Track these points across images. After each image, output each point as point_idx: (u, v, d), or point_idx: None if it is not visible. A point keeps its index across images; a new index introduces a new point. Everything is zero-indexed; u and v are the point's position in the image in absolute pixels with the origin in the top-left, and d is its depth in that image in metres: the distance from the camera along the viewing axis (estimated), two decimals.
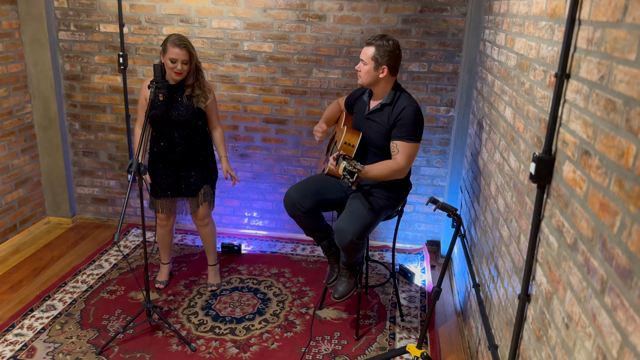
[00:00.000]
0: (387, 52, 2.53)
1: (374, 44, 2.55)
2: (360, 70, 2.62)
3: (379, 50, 2.53)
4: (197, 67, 2.94)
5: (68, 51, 3.89)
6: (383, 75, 2.58)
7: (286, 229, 4.12)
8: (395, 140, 2.58)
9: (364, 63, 2.59)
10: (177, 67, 2.84)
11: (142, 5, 3.71)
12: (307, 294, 3.33)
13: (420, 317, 3.13)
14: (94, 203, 4.27)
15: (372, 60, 2.56)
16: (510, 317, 1.99)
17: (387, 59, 2.54)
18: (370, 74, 2.59)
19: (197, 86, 2.95)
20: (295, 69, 3.71)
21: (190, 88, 2.95)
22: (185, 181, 3.08)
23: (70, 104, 4.02)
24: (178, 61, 2.84)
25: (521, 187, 1.98)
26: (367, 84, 2.64)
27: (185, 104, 2.94)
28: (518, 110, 2.11)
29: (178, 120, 2.94)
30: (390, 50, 2.54)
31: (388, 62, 2.55)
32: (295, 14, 3.59)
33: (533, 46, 1.95)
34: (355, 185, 2.29)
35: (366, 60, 2.58)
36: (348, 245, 2.52)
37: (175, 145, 3.00)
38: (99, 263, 3.61)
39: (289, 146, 3.90)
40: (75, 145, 4.12)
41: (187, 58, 2.84)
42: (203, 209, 3.13)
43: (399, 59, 2.60)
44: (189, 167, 3.05)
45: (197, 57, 2.95)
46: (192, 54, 2.87)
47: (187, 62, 2.85)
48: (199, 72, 2.96)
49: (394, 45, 2.55)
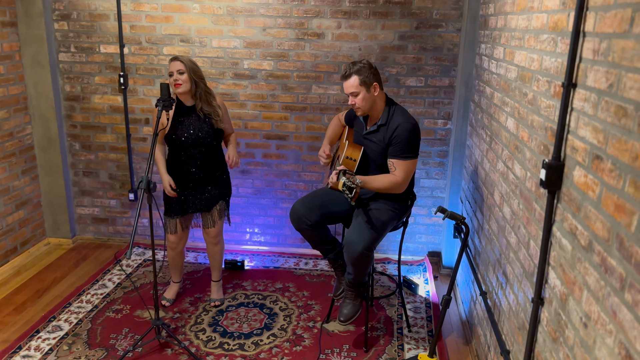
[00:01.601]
0: (368, 71, 2.60)
1: (352, 72, 2.60)
2: (355, 102, 2.65)
3: (361, 73, 2.59)
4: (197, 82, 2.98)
5: (68, 72, 3.92)
6: (377, 93, 2.65)
7: (288, 244, 4.14)
8: (391, 158, 2.64)
9: (356, 94, 2.63)
10: (174, 78, 2.92)
11: (142, 26, 3.76)
12: (313, 307, 3.35)
13: (427, 328, 3.16)
14: (94, 223, 4.26)
15: (361, 86, 2.61)
16: (523, 322, 2.03)
17: (372, 75, 2.61)
18: (366, 99, 2.64)
19: (203, 101, 3.00)
20: (295, 86, 3.78)
21: (198, 101, 2.99)
22: (200, 197, 3.11)
23: (71, 124, 4.03)
24: (174, 72, 2.93)
25: (528, 194, 2.04)
26: (368, 109, 2.69)
27: (203, 123, 2.99)
28: (521, 120, 2.18)
29: (191, 140, 2.98)
30: (369, 67, 2.61)
31: (374, 78, 2.62)
32: (295, 32, 3.66)
33: (535, 58, 2.03)
34: (354, 200, 2.34)
35: (356, 90, 2.62)
36: (358, 257, 2.55)
37: (190, 165, 3.04)
38: (102, 283, 3.60)
39: (289, 161, 3.95)
40: (75, 165, 4.13)
41: (181, 68, 2.92)
42: (218, 227, 3.16)
43: (378, 72, 2.68)
44: (203, 184, 3.09)
45: (199, 73, 3.00)
46: (186, 64, 2.93)
47: (183, 72, 2.92)
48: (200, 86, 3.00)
49: (368, 63, 2.64)
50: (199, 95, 3.00)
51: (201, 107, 3.01)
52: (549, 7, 1.89)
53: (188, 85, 2.96)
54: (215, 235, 3.20)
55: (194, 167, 3.06)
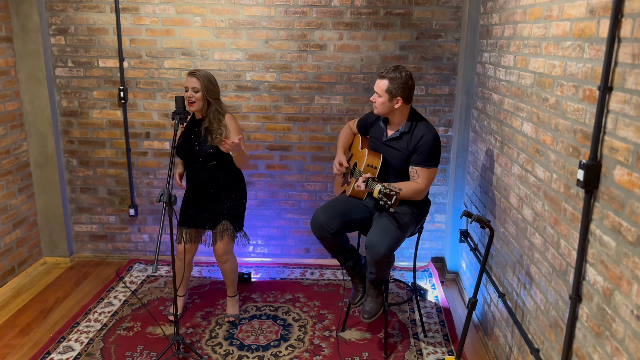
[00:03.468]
0: (400, 84, 2.65)
1: (387, 77, 2.66)
2: (375, 101, 2.72)
3: (392, 82, 2.65)
4: (209, 101, 2.98)
5: (65, 87, 3.85)
6: (398, 106, 2.70)
7: (292, 255, 4.14)
8: (415, 166, 2.70)
9: (379, 95, 2.69)
10: (188, 94, 2.92)
11: (142, 40, 3.73)
12: (327, 317, 3.35)
13: (441, 332, 3.20)
14: (92, 240, 4.17)
15: (386, 93, 2.67)
16: (555, 320, 2.09)
17: (401, 90, 2.66)
18: (385, 105, 2.70)
19: (212, 120, 2.99)
20: (298, 97, 3.81)
21: (207, 118, 2.99)
22: (205, 213, 3.09)
23: (68, 140, 3.95)
24: (189, 89, 2.93)
25: (555, 195, 2.11)
26: (383, 113, 2.75)
27: (204, 140, 2.98)
28: (542, 124, 2.26)
29: (199, 154, 2.98)
30: (404, 82, 2.66)
31: (402, 93, 2.67)
32: (297, 44, 3.70)
33: (557, 64, 2.11)
34: (394, 207, 2.37)
35: (380, 92, 2.68)
36: (380, 258, 2.58)
37: (199, 178, 3.04)
38: (108, 301, 3.52)
39: (293, 172, 3.96)
40: (72, 182, 4.04)
41: (196, 86, 2.91)
42: (222, 245, 3.11)
43: (412, 89, 2.72)
44: (211, 200, 3.07)
45: (215, 93, 2.98)
46: (202, 82, 2.93)
47: (198, 90, 2.92)
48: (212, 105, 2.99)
49: (407, 77, 2.68)
50: (210, 114, 3.00)
51: (207, 126, 3.00)
52: (573, 15, 1.97)
53: (200, 104, 2.96)
54: (221, 254, 3.15)
55: (199, 181, 3.05)
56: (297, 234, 4.10)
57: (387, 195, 2.41)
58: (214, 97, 3.00)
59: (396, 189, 2.40)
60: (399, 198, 2.38)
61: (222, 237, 3.11)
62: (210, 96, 2.97)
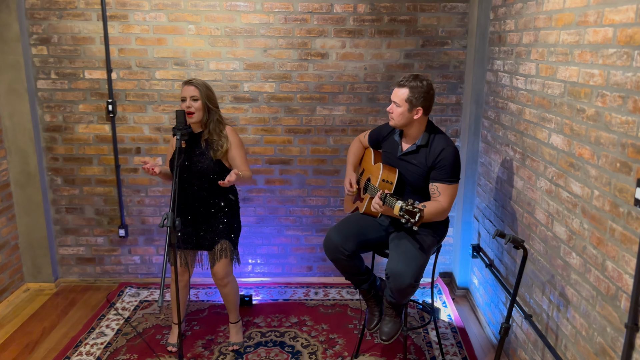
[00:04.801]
0: (421, 94, 2.49)
1: (407, 85, 2.49)
2: (393, 112, 2.55)
3: (413, 91, 2.48)
4: (210, 110, 2.79)
5: (48, 101, 3.59)
6: (417, 117, 2.53)
7: (294, 274, 3.93)
8: (435, 182, 2.53)
9: (397, 105, 2.52)
10: (186, 104, 2.72)
11: (132, 50, 3.51)
12: (337, 342, 3.16)
13: (460, 355, 3.03)
14: (79, 264, 3.90)
15: (406, 102, 2.50)
16: (602, 347, 1.94)
17: (422, 100, 2.50)
18: (404, 116, 2.53)
19: (213, 130, 2.79)
20: (299, 108, 3.62)
21: (206, 130, 2.79)
22: (201, 234, 2.87)
23: (52, 157, 3.69)
24: (187, 98, 2.73)
25: (598, 213, 1.96)
26: (401, 125, 2.58)
27: (205, 154, 2.77)
28: (577, 137, 2.12)
29: (196, 170, 2.76)
30: (425, 91, 2.50)
31: (423, 103, 2.51)
32: (297, 52, 3.52)
33: (596, 73, 1.97)
34: (418, 225, 2.19)
35: (399, 102, 2.51)
36: (406, 288, 2.40)
37: (194, 196, 2.81)
38: (99, 330, 3.26)
39: (294, 186, 3.77)
40: (57, 201, 3.77)
41: (195, 94, 2.73)
42: (221, 267, 2.89)
43: (432, 99, 2.57)
44: (207, 219, 2.85)
45: (214, 101, 2.81)
46: (201, 90, 2.74)
47: (197, 99, 2.73)
48: (212, 113, 2.80)
49: (428, 86, 2.52)
50: (210, 125, 2.79)
51: (207, 138, 2.80)
52: (617, 21, 1.83)
53: (201, 114, 2.75)
54: (221, 277, 2.93)
55: (194, 199, 2.83)
56: (299, 252, 3.90)
57: (409, 213, 2.23)
58: (214, 104, 2.81)
59: (419, 205, 2.23)
60: (423, 216, 2.20)
61: (221, 258, 2.89)
62: (210, 103, 2.78)
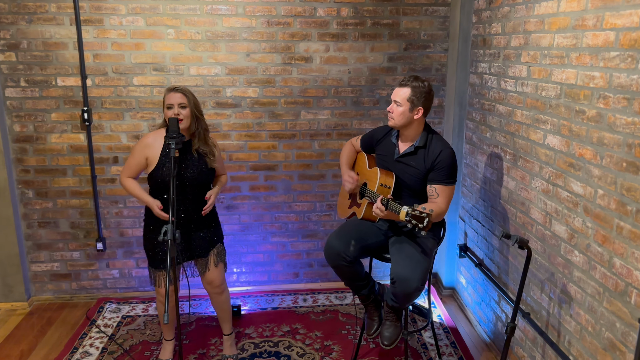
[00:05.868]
0: (423, 94, 2.50)
1: (409, 85, 2.51)
2: (393, 111, 2.55)
3: (415, 91, 2.49)
4: (198, 118, 2.70)
5: (17, 110, 3.39)
6: (418, 117, 2.55)
7: (280, 281, 3.87)
8: (434, 184, 2.54)
9: (398, 104, 2.53)
10: (174, 111, 2.60)
11: (107, 55, 3.36)
12: (333, 349, 3.12)
13: (455, 355, 3.06)
14: (53, 280, 3.70)
15: (407, 102, 2.51)
16: (610, 342, 1.99)
17: (424, 100, 2.52)
18: (404, 116, 2.54)
19: (201, 140, 2.71)
20: (283, 112, 3.57)
21: (195, 138, 2.70)
22: (195, 242, 2.77)
23: (22, 169, 3.49)
24: (174, 105, 2.61)
25: (602, 211, 2.01)
26: (400, 125, 2.58)
27: (198, 163, 2.68)
28: (577, 137, 2.17)
29: (191, 180, 2.66)
30: (426, 91, 2.52)
31: (424, 103, 2.52)
32: (281, 57, 3.47)
33: (597, 76, 2.03)
34: (427, 230, 2.19)
35: (401, 101, 2.52)
36: (412, 292, 2.39)
37: (189, 206, 2.70)
38: (83, 350, 3.10)
39: (279, 192, 3.71)
40: (28, 216, 3.56)
41: (183, 101, 2.62)
42: (218, 273, 2.82)
43: (432, 100, 2.59)
44: (198, 227, 2.76)
45: (200, 108, 2.72)
46: (189, 97, 2.65)
47: (185, 106, 2.63)
48: (200, 121, 2.72)
49: (429, 86, 2.54)
50: (198, 133, 2.71)
51: (198, 147, 2.71)
52: (619, 25, 1.89)
53: (189, 122, 2.65)
54: (218, 283, 2.86)
55: (183, 211, 2.72)
56: (285, 259, 3.84)
57: (417, 218, 2.22)
58: (200, 111, 2.72)
59: (427, 209, 2.23)
60: (432, 220, 2.20)
61: (217, 263, 2.82)
62: (197, 111, 2.69)
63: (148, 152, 2.68)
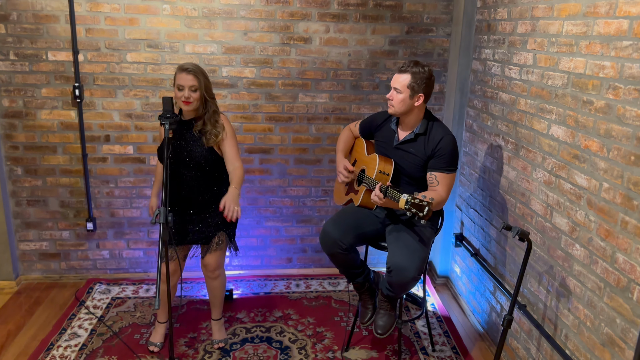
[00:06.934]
0: (423, 80, 2.43)
1: (409, 71, 2.43)
2: (393, 98, 2.48)
3: (416, 77, 2.42)
4: (206, 99, 2.62)
5: (7, 84, 3.29)
6: (418, 104, 2.48)
7: (273, 265, 3.83)
8: (434, 171, 2.48)
9: (398, 91, 2.45)
10: (184, 94, 2.52)
11: (100, 30, 3.25)
12: (325, 335, 3.09)
13: (449, 344, 3.03)
14: (42, 259, 3.63)
15: (407, 89, 2.43)
16: (609, 338, 1.96)
17: (424, 86, 2.44)
18: (405, 103, 2.46)
19: (207, 120, 2.63)
20: (280, 95, 3.48)
21: (200, 121, 2.62)
22: (197, 227, 2.72)
23: (11, 145, 3.39)
24: (185, 87, 2.54)
25: (606, 205, 1.97)
26: (401, 112, 2.51)
27: (197, 143, 2.61)
28: (583, 129, 2.11)
29: (189, 160, 2.59)
30: (427, 77, 2.44)
31: (425, 89, 2.45)
32: (279, 36, 3.37)
33: (607, 65, 1.96)
34: (427, 219, 2.14)
35: (401, 88, 2.44)
36: (409, 282, 2.35)
37: (181, 189, 2.64)
38: (72, 331, 3.05)
39: (274, 176, 3.64)
40: (17, 193, 3.48)
41: (194, 84, 2.54)
42: (214, 258, 2.76)
43: (433, 86, 2.52)
44: (201, 212, 2.70)
45: (211, 91, 2.64)
46: (200, 80, 2.57)
47: (196, 89, 2.55)
48: (209, 104, 2.64)
49: (429, 72, 2.47)
50: (207, 116, 2.63)
51: (201, 128, 2.63)
52: (633, 13, 1.82)
53: (197, 104, 2.58)
54: (213, 269, 2.80)
55: (186, 191, 2.67)
56: (278, 243, 3.79)
57: (416, 206, 2.16)
58: (211, 94, 2.64)
59: (427, 198, 2.17)
60: (432, 209, 2.15)
61: (216, 249, 2.76)
62: (208, 94, 2.61)
63: (162, 131, 2.66)
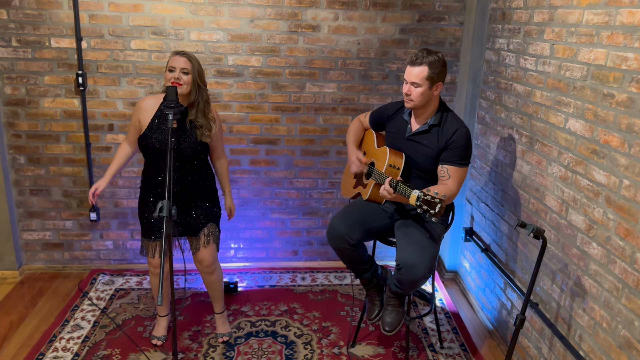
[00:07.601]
0: (439, 67, 2.33)
1: (424, 62, 2.31)
2: (412, 93, 2.36)
3: (432, 67, 2.31)
4: (199, 87, 2.54)
5: (9, 71, 3.22)
6: (437, 92, 2.39)
7: (278, 258, 3.77)
8: (446, 164, 2.39)
9: (417, 85, 2.34)
10: (174, 75, 2.44)
11: (104, 16, 3.17)
12: (331, 330, 3.04)
13: (457, 342, 2.97)
14: (45, 249, 3.59)
15: (427, 80, 2.32)
16: (627, 341, 1.89)
17: (442, 75, 2.35)
18: (425, 95, 2.36)
19: (200, 111, 2.55)
20: (287, 84, 3.40)
21: (194, 109, 2.54)
22: (185, 218, 2.65)
23: (13, 134, 3.34)
24: (177, 69, 2.46)
25: (627, 203, 1.88)
26: (420, 106, 2.41)
27: (190, 135, 2.53)
28: (603, 123, 2.03)
29: (180, 153, 2.51)
30: (442, 64, 2.35)
31: (442, 77, 2.36)
32: (287, 24, 3.28)
33: (630, 57, 1.87)
34: (438, 216, 2.06)
35: (419, 81, 2.33)
36: (419, 279, 2.29)
37: (177, 180, 2.56)
38: (75, 323, 3.01)
39: (280, 167, 3.57)
40: (20, 182, 3.43)
41: (187, 67, 2.46)
42: (208, 253, 2.70)
43: (447, 72, 2.43)
44: (189, 203, 2.63)
45: (204, 78, 2.56)
46: (194, 64, 2.49)
47: (188, 72, 2.47)
48: (202, 92, 2.56)
49: (442, 58, 2.37)
50: (197, 104, 2.55)
51: (194, 118, 2.56)
52: None
53: (188, 89, 2.49)
54: (208, 263, 2.74)
55: (176, 183, 2.59)
56: (284, 236, 3.73)
57: (428, 203, 2.09)
58: (204, 81, 2.56)
59: (439, 194, 2.09)
60: (444, 206, 2.07)
61: (209, 242, 2.70)
62: (201, 80, 2.53)
63: (141, 116, 2.58)
